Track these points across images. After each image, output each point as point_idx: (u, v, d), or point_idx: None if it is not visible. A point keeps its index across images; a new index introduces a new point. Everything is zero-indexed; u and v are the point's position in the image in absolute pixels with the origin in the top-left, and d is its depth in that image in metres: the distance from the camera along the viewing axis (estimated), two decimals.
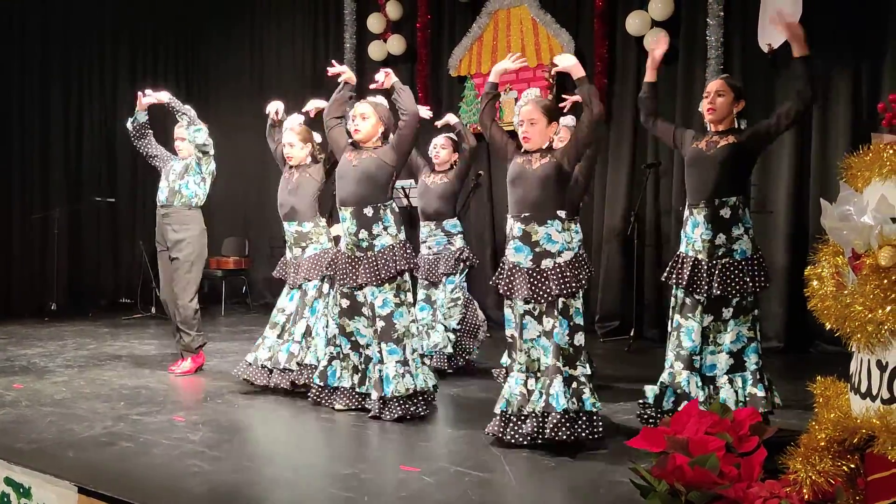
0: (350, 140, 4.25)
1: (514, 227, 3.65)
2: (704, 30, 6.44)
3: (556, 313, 3.56)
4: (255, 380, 4.70)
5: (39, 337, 6.86)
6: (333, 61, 4.50)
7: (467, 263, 5.29)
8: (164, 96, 5.30)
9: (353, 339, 4.25)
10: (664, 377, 3.82)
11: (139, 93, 5.40)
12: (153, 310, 8.41)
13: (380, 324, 4.11)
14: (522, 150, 3.70)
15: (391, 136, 4.22)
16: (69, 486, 3.05)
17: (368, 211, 4.10)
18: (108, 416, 4.12)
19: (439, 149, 5.34)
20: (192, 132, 5.23)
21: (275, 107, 4.96)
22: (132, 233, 9.51)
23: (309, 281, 4.74)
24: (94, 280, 9.34)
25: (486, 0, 7.73)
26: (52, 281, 8.56)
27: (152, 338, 6.91)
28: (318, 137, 4.91)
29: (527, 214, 3.59)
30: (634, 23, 6.74)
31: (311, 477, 3.21)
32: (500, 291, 3.71)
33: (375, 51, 8.30)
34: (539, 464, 3.34)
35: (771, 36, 5.76)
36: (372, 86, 4.25)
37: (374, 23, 8.29)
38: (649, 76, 3.99)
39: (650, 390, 3.82)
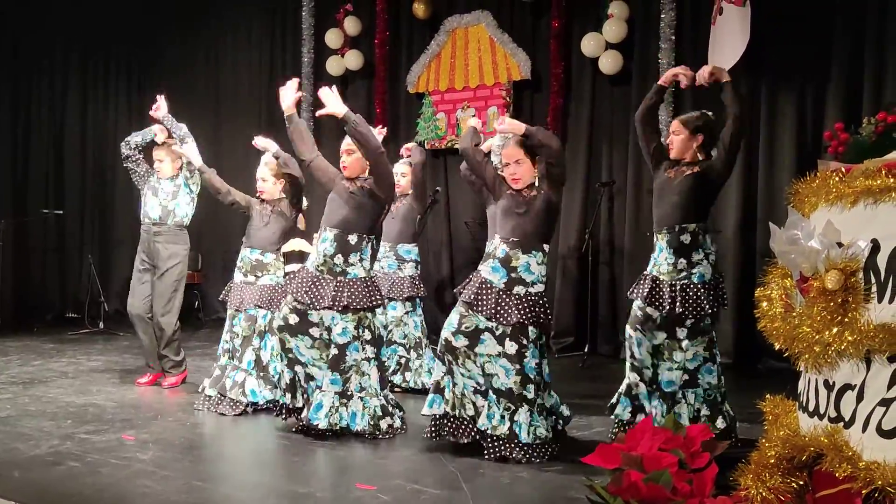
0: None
1: (498, 247, 3.77)
2: (657, 53, 6.59)
3: (525, 341, 3.64)
4: (231, 411, 4.63)
5: None
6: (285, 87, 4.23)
7: (417, 293, 5.30)
8: (161, 112, 5.25)
9: (290, 355, 4.10)
10: (622, 387, 3.96)
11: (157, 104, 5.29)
12: (101, 325, 8.22)
13: (333, 351, 4.06)
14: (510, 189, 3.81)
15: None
16: None
17: (352, 238, 4.10)
18: (55, 434, 4.02)
19: (400, 177, 5.36)
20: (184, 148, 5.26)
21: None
22: (80, 246, 9.29)
23: (261, 308, 4.72)
24: (39, 294, 9.10)
25: (445, 18, 7.79)
26: None
27: (100, 354, 6.75)
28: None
29: (515, 240, 3.73)
30: (590, 44, 6.86)
31: (266, 496, 3.17)
32: (464, 300, 3.74)
33: (333, 66, 8.29)
34: (495, 480, 3.36)
35: (720, 60, 5.91)
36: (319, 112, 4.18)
37: (332, 38, 8.28)
38: (664, 81, 4.03)
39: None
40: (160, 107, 5.23)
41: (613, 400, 3.99)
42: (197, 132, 8.97)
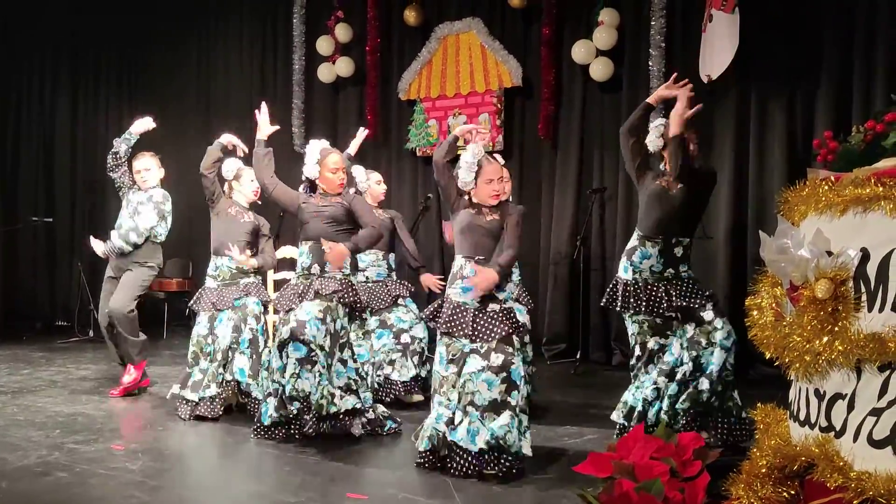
0: (310, 188, 4.39)
1: (465, 266, 3.70)
2: (647, 60, 6.61)
3: (511, 349, 3.56)
4: (211, 414, 4.58)
5: None
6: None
7: (402, 294, 5.30)
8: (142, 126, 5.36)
9: (275, 375, 4.24)
10: (647, 394, 3.93)
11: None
12: (91, 333, 8.17)
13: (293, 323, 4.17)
14: (472, 203, 3.74)
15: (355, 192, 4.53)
16: None
17: (327, 248, 4.15)
18: (43, 444, 3.99)
19: (374, 185, 5.38)
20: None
21: (228, 139, 4.97)
22: (70, 254, 9.24)
23: (250, 296, 4.76)
24: (29, 302, 9.04)
25: (436, 25, 7.79)
26: None
27: (89, 362, 6.71)
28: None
29: (481, 258, 3.68)
30: (580, 51, 6.88)
31: None
32: (440, 330, 3.69)
33: (324, 73, 8.28)
34: (487, 490, 3.34)
35: (710, 67, 5.94)
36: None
37: (324, 45, 8.27)
38: (653, 100, 3.96)
39: (618, 415, 4.00)
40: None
41: (625, 412, 3.98)
42: (187, 138, 9.03)
